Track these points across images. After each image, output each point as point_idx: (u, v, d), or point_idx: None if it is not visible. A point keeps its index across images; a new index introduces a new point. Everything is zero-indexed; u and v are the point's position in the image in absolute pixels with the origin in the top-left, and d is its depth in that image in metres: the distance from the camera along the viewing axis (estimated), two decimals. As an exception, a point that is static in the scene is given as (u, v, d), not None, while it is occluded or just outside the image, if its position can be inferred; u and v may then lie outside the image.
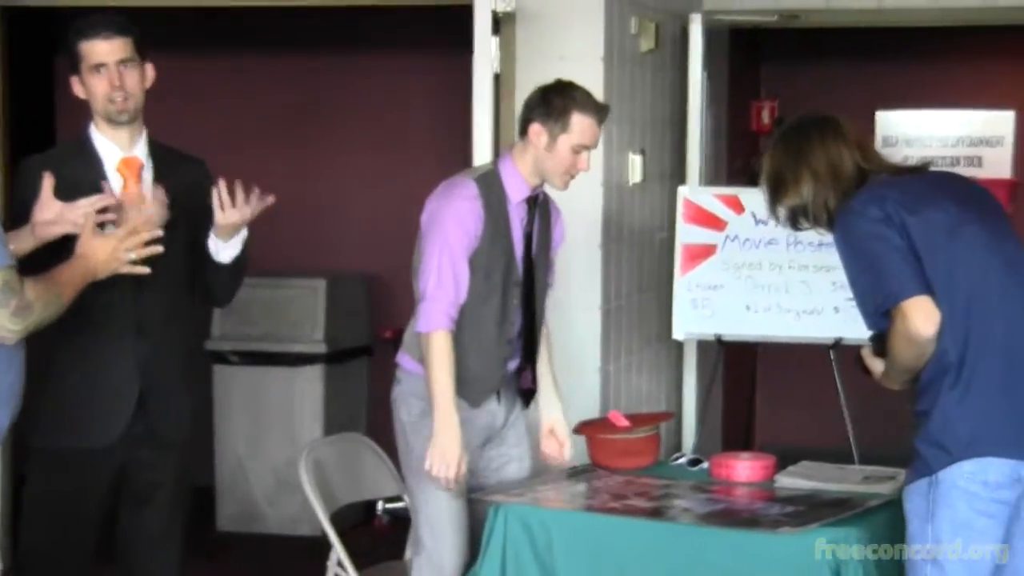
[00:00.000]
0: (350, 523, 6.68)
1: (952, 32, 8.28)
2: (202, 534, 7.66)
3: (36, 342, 3.98)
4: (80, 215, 4.10)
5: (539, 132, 4.60)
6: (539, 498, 4.59)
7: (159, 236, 4.13)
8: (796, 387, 9.01)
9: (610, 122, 4.79)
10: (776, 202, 4.04)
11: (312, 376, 7.75)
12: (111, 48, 4.34)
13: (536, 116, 4.62)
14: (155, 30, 7.99)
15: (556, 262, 4.90)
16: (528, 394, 4.84)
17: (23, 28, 6.74)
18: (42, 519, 4.40)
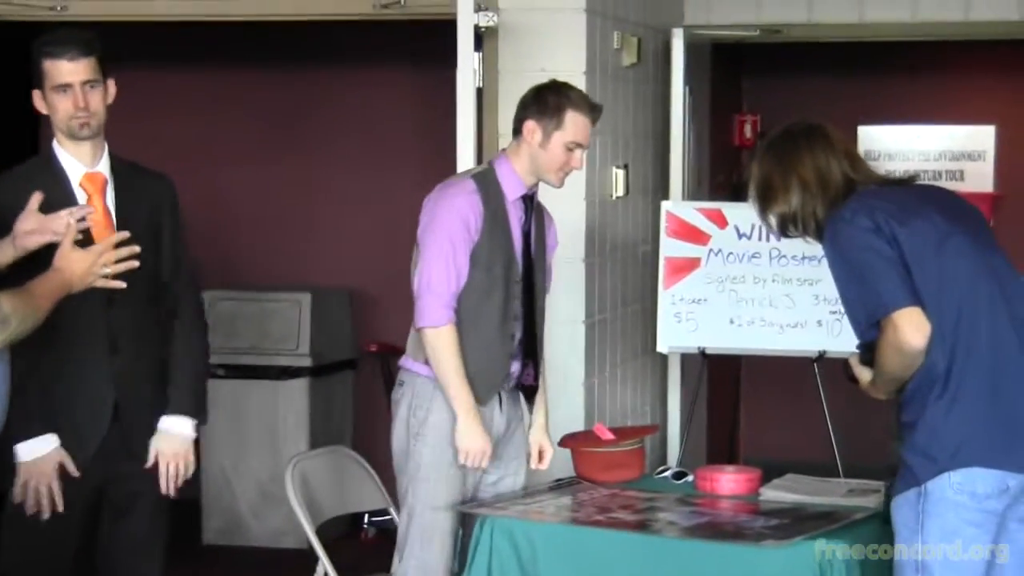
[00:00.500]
0: (335, 536, 6.67)
1: (934, 47, 8.31)
2: (187, 547, 7.65)
3: (10, 361, 3.97)
4: (62, 224, 4.11)
5: (533, 129, 4.64)
6: (524, 511, 4.59)
7: (136, 252, 4.12)
8: (780, 400, 9.02)
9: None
10: (765, 209, 4.03)
11: (297, 389, 7.75)
12: (76, 69, 4.32)
13: (530, 114, 4.66)
14: (139, 43, 8.08)
15: (552, 267, 4.94)
16: (531, 391, 4.86)
17: (3, 38, 6.72)
18: (20, 540, 4.38)
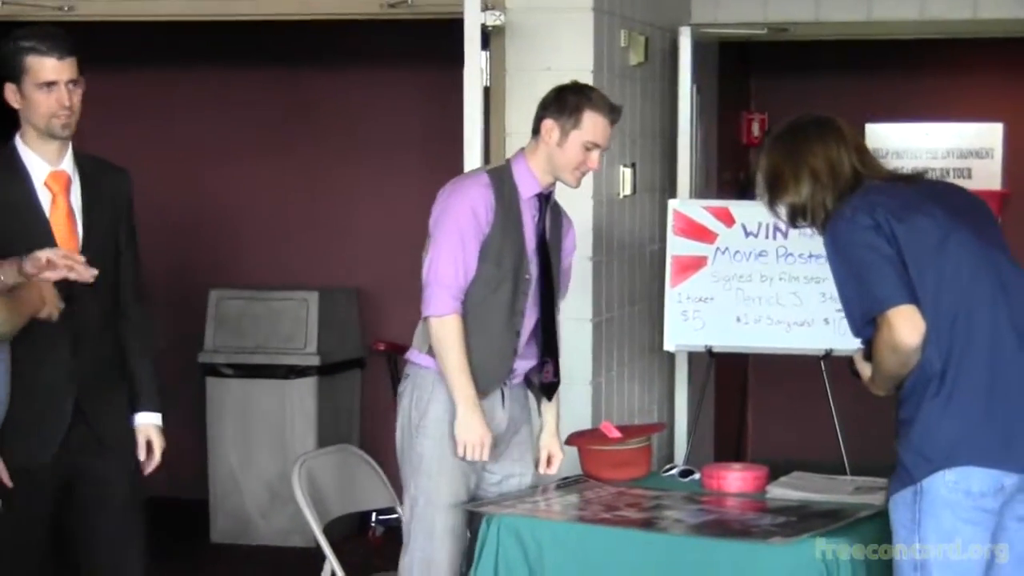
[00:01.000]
0: (343, 535, 6.69)
1: (941, 44, 8.31)
2: (195, 546, 7.68)
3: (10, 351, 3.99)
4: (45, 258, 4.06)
5: (551, 128, 4.65)
6: (531, 509, 4.60)
7: (95, 275, 4.11)
8: (787, 398, 9.03)
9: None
10: (775, 200, 4.02)
11: (305, 388, 7.76)
12: (62, 67, 4.34)
13: (549, 113, 4.67)
14: (150, 43, 8.09)
15: (570, 272, 4.94)
16: (551, 388, 4.85)
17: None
18: None
